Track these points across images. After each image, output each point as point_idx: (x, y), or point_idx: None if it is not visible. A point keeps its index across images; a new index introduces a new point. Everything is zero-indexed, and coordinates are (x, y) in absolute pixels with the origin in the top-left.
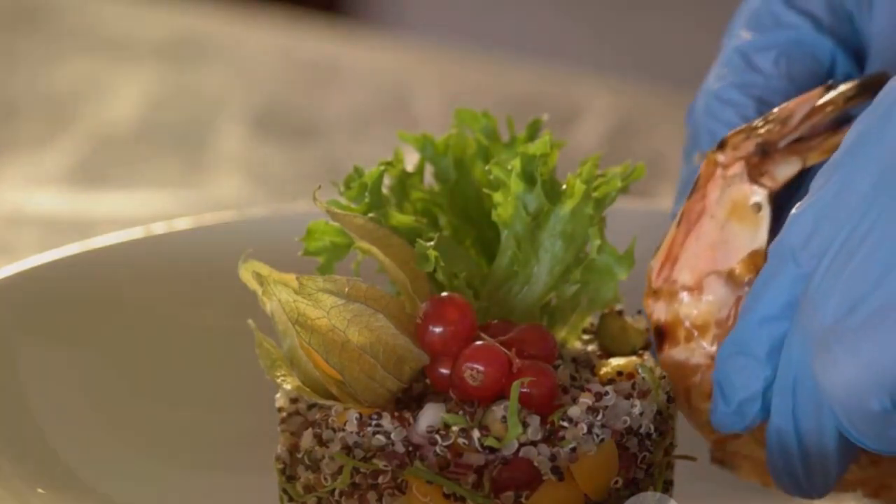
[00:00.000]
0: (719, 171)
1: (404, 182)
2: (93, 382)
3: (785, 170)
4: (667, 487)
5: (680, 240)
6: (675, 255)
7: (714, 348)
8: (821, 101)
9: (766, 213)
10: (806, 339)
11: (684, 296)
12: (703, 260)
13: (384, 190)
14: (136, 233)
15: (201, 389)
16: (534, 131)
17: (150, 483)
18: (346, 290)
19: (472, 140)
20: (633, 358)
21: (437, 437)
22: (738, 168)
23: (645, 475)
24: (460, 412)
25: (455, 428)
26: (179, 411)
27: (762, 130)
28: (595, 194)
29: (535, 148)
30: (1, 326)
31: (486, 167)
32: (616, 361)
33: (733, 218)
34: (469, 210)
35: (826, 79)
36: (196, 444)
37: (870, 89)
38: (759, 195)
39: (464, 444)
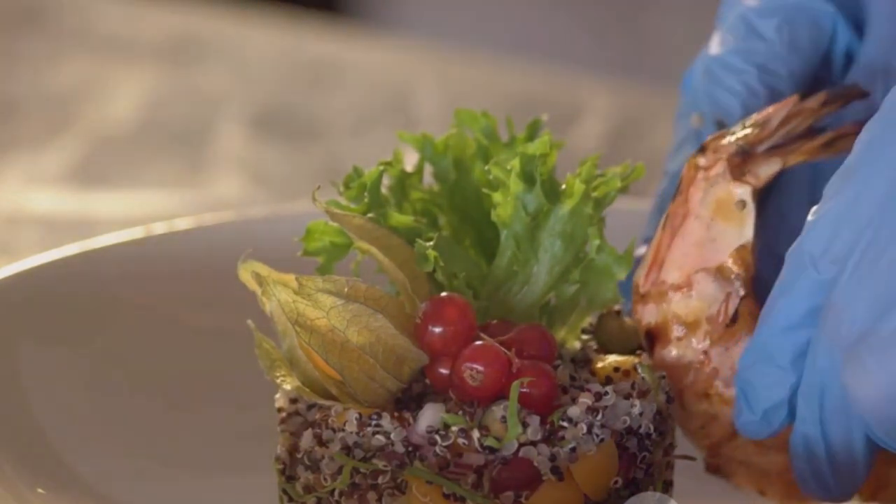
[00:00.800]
0: (701, 174)
1: (404, 182)
2: (93, 382)
3: (766, 169)
4: (667, 487)
5: (666, 243)
6: (662, 258)
7: (706, 345)
8: (795, 109)
9: (750, 209)
10: (833, 346)
11: (673, 295)
12: (691, 258)
13: (383, 190)
14: (136, 233)
15: (201, 389)
16: (533, 131)
17: (151, 483)
18: (346, 290)
19: (472, 140)
20: (631, 357)
21: (437, 437)
22: (720, 168)
23: (645, 475)
24: (460, 412)
25: (455, 428)
26: (179, 411)
27: (741, 134)
28: (594, 194)
29: (535, 148)
30: (1, 326)
31: (486, 167)
32: (613, 358)
33: (718, 216)
34: (468, 210)
35: (827, 46)
36: (196, 444)
37: (842, 98)
38: (742, 192)
39: (463, 444)
